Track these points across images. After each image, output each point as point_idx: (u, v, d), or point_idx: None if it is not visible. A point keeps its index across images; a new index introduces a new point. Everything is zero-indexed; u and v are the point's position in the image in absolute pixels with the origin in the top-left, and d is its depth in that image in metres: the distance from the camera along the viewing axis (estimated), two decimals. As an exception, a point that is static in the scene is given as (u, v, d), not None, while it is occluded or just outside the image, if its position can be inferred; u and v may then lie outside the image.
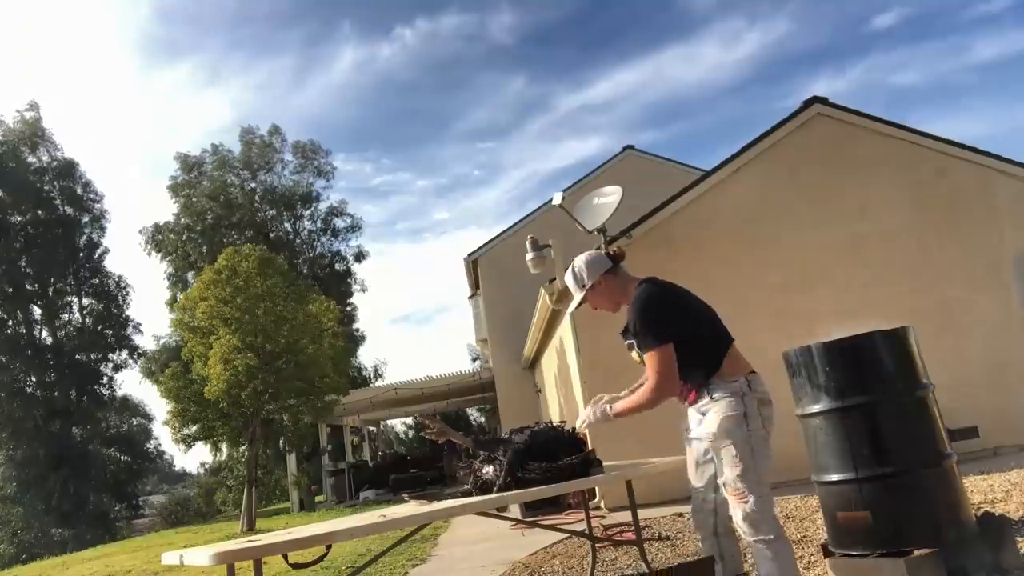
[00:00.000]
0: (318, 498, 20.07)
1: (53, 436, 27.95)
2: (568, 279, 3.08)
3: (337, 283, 31.50)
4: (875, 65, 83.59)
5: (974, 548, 3.01)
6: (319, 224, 32.37)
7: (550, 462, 3.29)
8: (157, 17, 66.39)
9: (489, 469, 3.35)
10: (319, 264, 31.88)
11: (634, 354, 2.90)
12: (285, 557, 2.90)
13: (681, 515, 6.02)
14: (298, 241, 31.95)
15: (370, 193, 72.20)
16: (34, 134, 30.50)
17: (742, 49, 77.13)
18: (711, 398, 2.71)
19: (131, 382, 70.52)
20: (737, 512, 2.65)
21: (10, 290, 28.91)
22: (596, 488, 7.52)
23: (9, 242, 28.85)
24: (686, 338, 2.74)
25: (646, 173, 15.21)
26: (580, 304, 3.08)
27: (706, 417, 2.72)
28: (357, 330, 31.80)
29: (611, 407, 2.92)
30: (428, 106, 78.62)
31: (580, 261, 3.04)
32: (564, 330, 9.27)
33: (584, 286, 3.00)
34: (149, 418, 34.57)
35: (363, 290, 33.04)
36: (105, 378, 30.80)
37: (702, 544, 2.96)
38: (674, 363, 2.71)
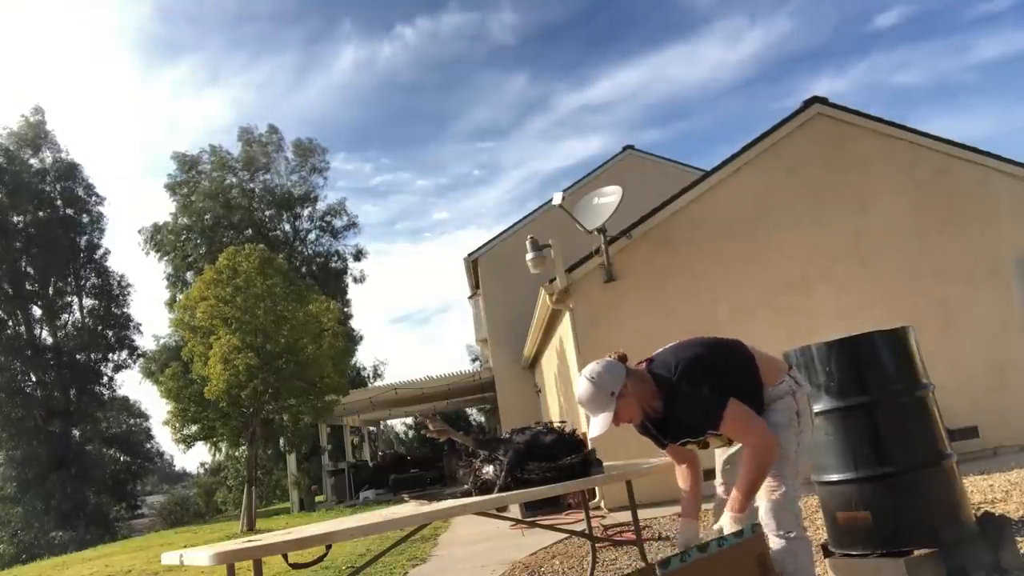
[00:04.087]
0: (318, 498, 20.08)
1: (53, 436, 27.94)
2: (588, 394, 2.62)
3: (336, 282, 31.50)
4: (876, 64, 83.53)
5: (974, 548, 3.01)
6: (317, 223, 32.40)
7: (550, 462, 3.29)
8: (158, 16, 66.36)
9: (489, 469, 3.36)
10: (318, 263, 31.88)
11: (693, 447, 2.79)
12: (285, 557, 2.91)
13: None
14: (296, 241, 31.96)
15: (370, 193, 72.16)
16: (37, 136, 30.61)
17: (743, 48, 77.03)
18: (764, 406, 2.68)
19: (131, 382, 70.39)
20: (764, 503, 2.63)
21: (10, 290, 28.91)
22: (596, 488, 7.52)
23: (9, 242, 28.85)
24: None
25: (646, 173, 15.20)
26: (610, 422, 2.61)
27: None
28: (355, 330, 31.79)
29: (736, 504, 2.51)
30: (428, 105, 78.53)
31: (596, 371, 2.64)
32: (564, 330, 9.27)
33: (614, 394, 2.58)
34: (146, 416, 34.57)
35: (360, 280, 32.83)
36: (105, 378, 30.83)
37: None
38: (749, 410, 2.54)
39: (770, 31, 74.62)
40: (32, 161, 30.52)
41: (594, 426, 2.62)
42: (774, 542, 2.64)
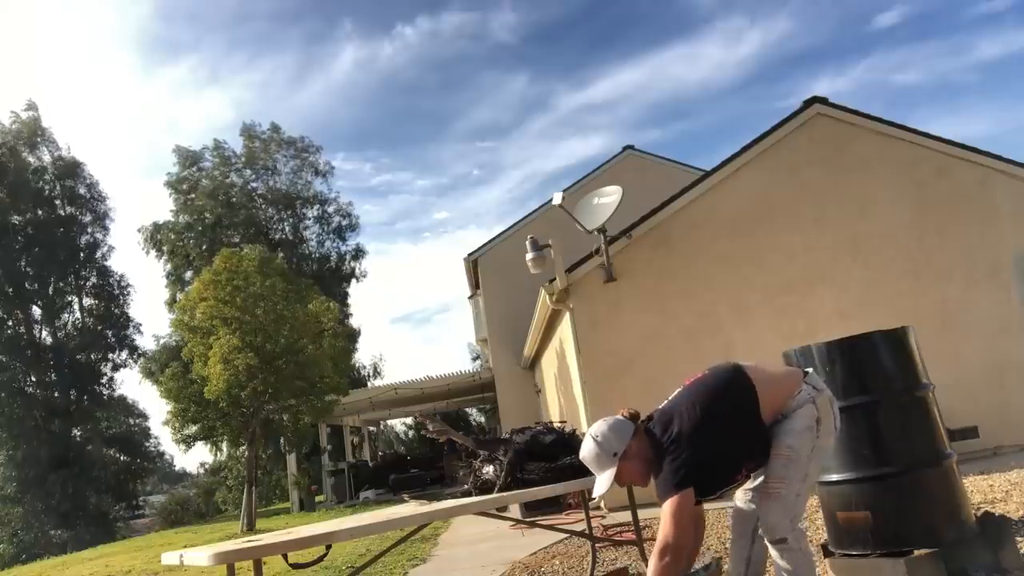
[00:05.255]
0: (318, 498, 20.06)
1: (53, 436, 27.93)
2: (590, 454, 2.63)
3: (337, 282, 31.53)
4: (877, 64, 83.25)
5: (974, 548, 3.01)
6: (318, 223, 32.44)
7: (550, 462, 3.30)
8: (158, 15, 66.33)
9: (489, 469, 3.36)
10: (318, 263, 31.90)
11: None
12: (285, 557, 2.91)
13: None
14: (297, 241, 31.96)
15: (370, 193, 72.13)
16: (33, 134, 30.40)
17: (743, 48, 76.88)
18: (783, 417, 2.63)
19: (131, 382, 70.35)
20: (763, 507, 2.61)
21: (10, 290, 28.89)
22: (596, 488, 7.51)
23: (9, 242, 28.82)
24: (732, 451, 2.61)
25: (646, 173, 15.22)
26: (612, 481, 2.61)
27: (778, 427, 2.64)
28: (354, 328, 31.78)
29: None
30: (429, 105, 78.42)
31: (601, 431, 2.64)
32: (564, 330, 9.27)
33: (616, 455, 2.59)
34: (146, 416, 34.54)
35: (362, 278, 32.97)
36: (105, 378, 30.81)
37: (732, 546, 2.94)
38: (686, 512, 2.49)
39: (770, 31, 74.55)
40: (29, 159, 30.30)
41: (598, 486, 2.65)
42: (771, 548, 2.61)
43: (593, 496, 2.81)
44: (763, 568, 2.92)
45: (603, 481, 2.61)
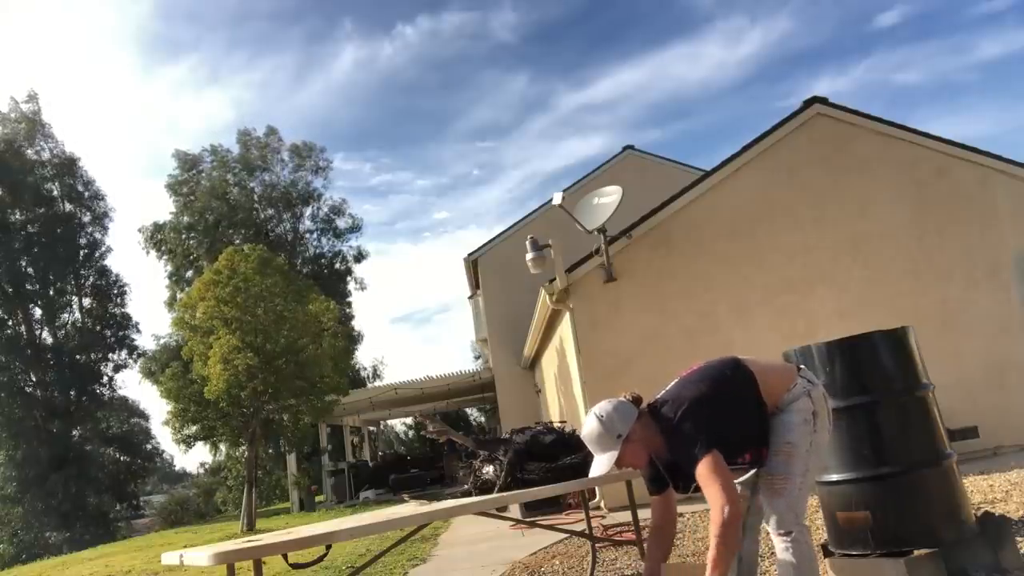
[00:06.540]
0: (318, 498, 20.07)
1: (53, 436, 27.93)
2: (593, 433, 2.59)
3: (337, 283, 31.53)
4: (877, 64, 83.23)
5: (974, 548, 3.01)
6: (319, 224, 32.46)
7: (550, 462, 3.30)
8: (158, 14, 66.35)
9: (489, 469, 3.37)
10: (319, 264, 31.91)
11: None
12: (285, 557, 2.91)
13: (680, 515, 6.01)
14: (298, 241, 31.97)
15: (370, 193, 72.18)
16: (33, 128, 30.15)
17: (744, 48, 76.91)
18: (780, 411, 2.64)
19: (131, 382, 70.36)
20: (768, 502, 2.61)
21: (10, 290, 28.88)
22: (596, 488, 7.52)
23: (9, 241, 28.79)
24: (734, 433, 2.60)
25: (646, 173, 15.22)
26: (612, 464, 2.56)
27: (775, 422, 2.64)
28: (355, 330, 31.80)
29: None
30: (429, 105, 78.47)
31: (605, 411, 2.60)
32: (564, 330, 9.27)
33: (620, 436, 2.55)
34: (146, 417, 34.54)
35: (362, 288, 33.14)
36: (105, 378, 30.82)
37: None
38: (726, 470, 2.45)
39: (770, 31, 74.58)
40: (29, 154, 30.08)
41: (596, 466, 2.59)
42: (776, 543, 2.63)
43: (590, 476, 2.78)
44: (756, 565, 2.93)
45: (602, 462, 2.56)
